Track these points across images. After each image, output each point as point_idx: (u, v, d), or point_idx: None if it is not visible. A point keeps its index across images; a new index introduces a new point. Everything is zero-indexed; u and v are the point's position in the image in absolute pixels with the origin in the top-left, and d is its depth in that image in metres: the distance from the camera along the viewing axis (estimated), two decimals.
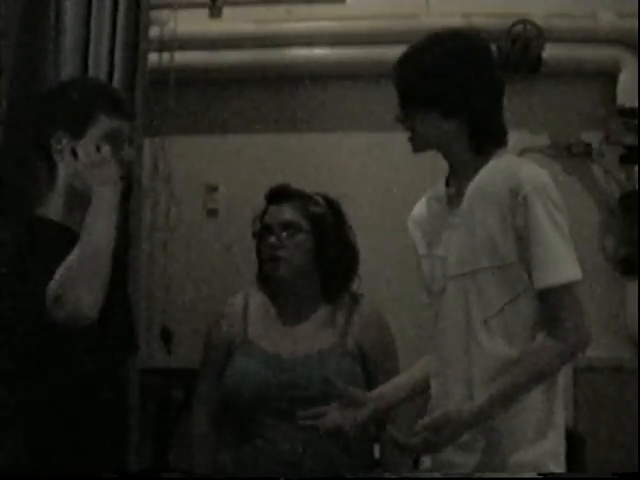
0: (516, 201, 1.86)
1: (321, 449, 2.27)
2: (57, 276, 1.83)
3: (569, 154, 3.79)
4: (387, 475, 2.33)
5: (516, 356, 1.85)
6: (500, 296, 1.88)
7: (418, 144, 2.05)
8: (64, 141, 2.01)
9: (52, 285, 1.83)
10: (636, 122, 3.71)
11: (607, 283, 3.75)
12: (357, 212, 2.61)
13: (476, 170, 1.97)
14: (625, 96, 3.79)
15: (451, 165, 2.04)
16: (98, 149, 1.99)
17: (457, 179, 2.02)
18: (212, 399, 2.41)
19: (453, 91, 1.94)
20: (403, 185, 3.92)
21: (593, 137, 3.82)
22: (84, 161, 1.97)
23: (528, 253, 1.86)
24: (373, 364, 2.39)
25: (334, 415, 2.04)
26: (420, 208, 2.15)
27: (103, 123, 2.02)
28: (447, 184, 2.05)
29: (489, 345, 1.88)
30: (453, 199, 2.01)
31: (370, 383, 2.36)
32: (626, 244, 3.73)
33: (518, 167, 1.94)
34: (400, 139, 4.04)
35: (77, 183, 2.00)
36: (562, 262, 1.86)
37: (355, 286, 2.48)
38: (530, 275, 1.86)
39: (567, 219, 1.89)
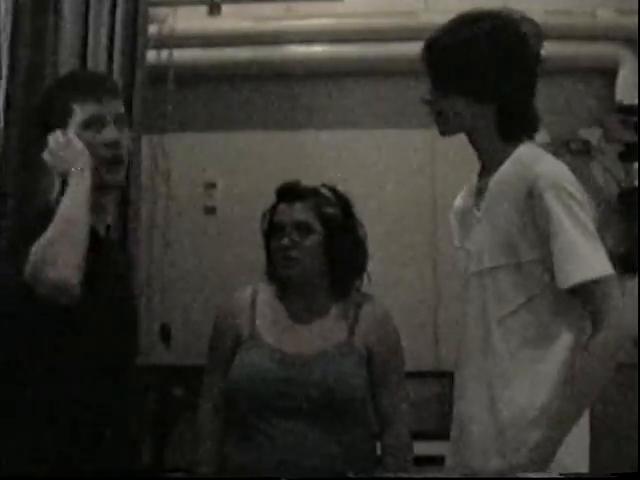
0: (533, 198, 1.81)
1: (323, 447, 2.27)
2: (32, 254, 1.83)
3: (568, 151, 3.78)
4: (388, 475, 2.32)
5: (531, 357, 1.82)
6: (516, 295, 1.84)
7: (445, 127, 1.98)
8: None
9: (29, 263, 1.83)
10: (635, 119, 3.71)
11: None
12: (355, 209, 2.60)
13: (500, 162, 1.92)
14: (624, 93, 3.79)
15: (478, 157, 1.99)
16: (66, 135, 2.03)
17: (485, 171, 1.97)
18: (218, 393, 2.41)
19: (484, 74, 1.89)
20: (402, 183, 3.93)
21: (592, 134, 3.82)
22: (54, 149, 2.01)
23: (549, 252, 1.80)
24: (379, 364, 2.38)
25: None
26: (459, 199, 2.10)
27: (79, 112, 2.04)
28: (480, 176, 2.01)
29: (502, 345, 1.84)
30: (481, 192, 1.97)
31: (375, 382, 2.36)
32: (625, 241, 3.73)
33: (536, 161, 1.88)
34: (399, 137, 4.06)
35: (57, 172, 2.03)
36: (585, 259, 1.78)
37: (364, 283, 2.47)
38: (553, 275, 1.80)
39: (591, 214, 1.83)
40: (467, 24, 1.96)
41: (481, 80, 1.90)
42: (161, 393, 3.77)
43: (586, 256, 1.79)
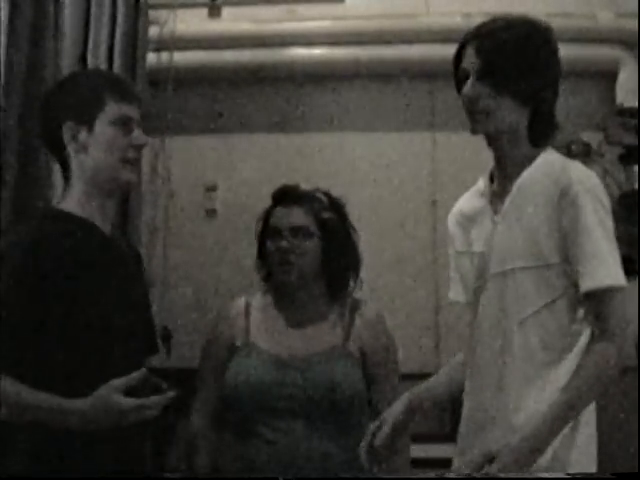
0: (565, 201, 1.83)
1: (321, 448, 2.27)
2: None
3: (568, 154, 3.78)
4: (386, 475, 2.32)
5: (549, 360, 1.83)
6: (538, 297, 1.85)
7: (482, 126, 1.94)
8: (73, 130, 2.02)
9: None
10: (635, 122, 3.71)
11: None
12: (355, 212, 2.61)
13: (523, 166, 1.92)
14: (624, 96, 3.78)
15: (497, 159, 1.98)
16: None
17: (503, 174, 1.97)
18: (212, 400, 2.41)
19: (530, 78, 1.90)
20: (402, 185, 3.93)
21: (592, 137, 3.82)
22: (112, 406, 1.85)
23: (574, 255, 1.82)
24: (374, 366, 2.39)
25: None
26: (461, 204, 2.10)
27: (111, 109, 2.03)
28: (491, 180, 2.01)
29: (522, 347, 1.85)
30: (497, 195, 1.97)
31: (370, 385, 2.37)
32: (625, 244, 3.72)
33: (568, 166, 1.90)
34: (400, 139, 4.06)
35: (91, 173, 2.02)
36: (609, 265, 1.82)
37: (356, 287, 2.48)
38: (575, 277, 1.82)
39: (612, 223, 1.86)
40: (515, 26, 1.95)
41: (527, 83, 1.91)
42: None
43: (609, 263, 1.82)
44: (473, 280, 1.98)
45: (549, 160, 1.93)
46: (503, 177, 1.97)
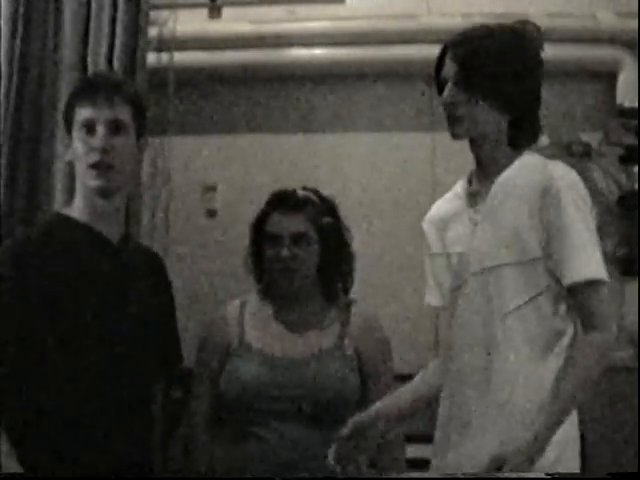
0: (547, 198, 1.86)
1: (316, 448, 2.27)
2: None
3: (568, 154, 3.78)
4: (382, 475, 2.33)
5: (533, 356, 1.85)
6: (521, 293, 1.87)
7: (462, 131, 1.98)
8: (66, 141, 2.07)
9: None
10: (636, 122, 3.71)
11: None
12: (356, 212, 2.61)
13: (504, 167, 1.96)
14: (625, 96, 3.79)
15: (478, 161, 2.02)
16: None
17: (483, 176, 2.00)
18: (208, 400, 2.42)
19: (510, 84, 1.94)
20: (402, 185, 3.93)
21: (592, 137, 3.82)
22: None
23: (557, 250, 1.85)
24: (369, 367, 2.40)
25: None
26: (437, 207, 2.13)
27: (78, 114, 2.06)
28: (469, 182, 2.04)
29: (506, 343, 1.86)
30: (476, 196, 2.00)
31: (365, 385, 2.37)
32: (625, 244, 3.73)
33: (548, 165, 1.94)
34: (400, 140, 4.06)
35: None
36: (590, 259, 1.85)
37: (350, 287, 2.48)
38: (557, 272, 1.85)
39: (594, 219, 1.90)
40: (495, 33, 2.00)
41: (503, 89, 1.94)
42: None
43: (592, 257, 1.85)
44: (450, 281, 2.00)
45: (529, 160, 1.98)
46: (484, 178, 2.01)
